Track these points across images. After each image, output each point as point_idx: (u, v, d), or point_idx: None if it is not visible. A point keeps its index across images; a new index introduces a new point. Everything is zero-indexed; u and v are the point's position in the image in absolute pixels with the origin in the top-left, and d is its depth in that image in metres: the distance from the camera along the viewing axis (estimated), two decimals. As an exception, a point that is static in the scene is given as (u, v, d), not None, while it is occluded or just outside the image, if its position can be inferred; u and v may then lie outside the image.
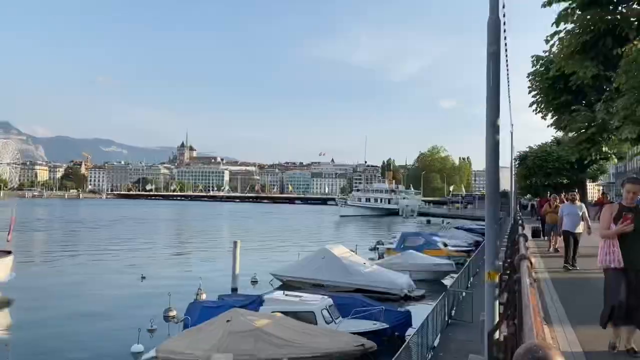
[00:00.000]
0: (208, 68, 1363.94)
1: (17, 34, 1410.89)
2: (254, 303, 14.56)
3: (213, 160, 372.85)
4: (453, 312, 13.46)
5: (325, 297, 15.17)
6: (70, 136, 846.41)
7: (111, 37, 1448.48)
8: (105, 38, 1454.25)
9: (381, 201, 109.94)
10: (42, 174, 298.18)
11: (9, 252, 22.76)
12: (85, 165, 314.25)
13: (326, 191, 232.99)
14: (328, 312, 14.26)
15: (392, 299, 19.60)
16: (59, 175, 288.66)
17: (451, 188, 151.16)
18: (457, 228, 47.86)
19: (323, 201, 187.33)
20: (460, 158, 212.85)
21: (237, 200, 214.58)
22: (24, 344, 15.28)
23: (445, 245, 32.67)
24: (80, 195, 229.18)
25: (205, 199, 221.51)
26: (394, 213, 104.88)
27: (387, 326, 14.27)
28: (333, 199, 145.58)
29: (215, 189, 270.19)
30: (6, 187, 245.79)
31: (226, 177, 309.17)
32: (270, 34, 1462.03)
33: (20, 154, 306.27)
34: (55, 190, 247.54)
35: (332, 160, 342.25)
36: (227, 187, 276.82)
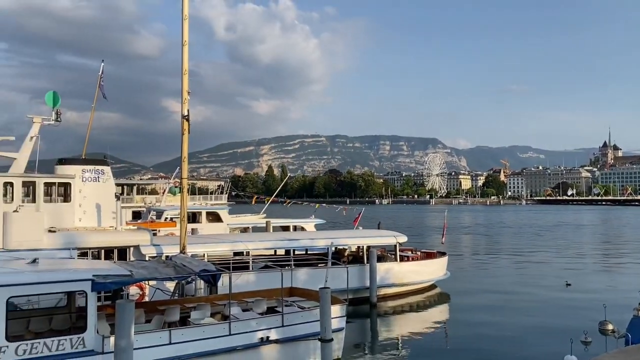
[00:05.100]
0: (626, 59, 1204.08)
1: (436, 56, 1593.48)
2: None
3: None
4: None
5: None
6: (488, 145, 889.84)
7: (521, 46, 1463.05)
8: (515, 48, 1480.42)
9: None
10: (465, 183, 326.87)
11: (443, 253, 25.69)
12: (503, 172, 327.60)
13: None
14: None
15: None
16: (479, 183, 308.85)
17: None
18: None
19: None
20: None
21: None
22: (459, 337, 16.96)
23: None
24: (501, 202, 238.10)
25: (636, 203, 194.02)
26: None
27: None
28: None
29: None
30: (436, 195, 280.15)
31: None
32: None
33: (446, 165, 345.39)
34: (477, 197, 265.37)
35: None
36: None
